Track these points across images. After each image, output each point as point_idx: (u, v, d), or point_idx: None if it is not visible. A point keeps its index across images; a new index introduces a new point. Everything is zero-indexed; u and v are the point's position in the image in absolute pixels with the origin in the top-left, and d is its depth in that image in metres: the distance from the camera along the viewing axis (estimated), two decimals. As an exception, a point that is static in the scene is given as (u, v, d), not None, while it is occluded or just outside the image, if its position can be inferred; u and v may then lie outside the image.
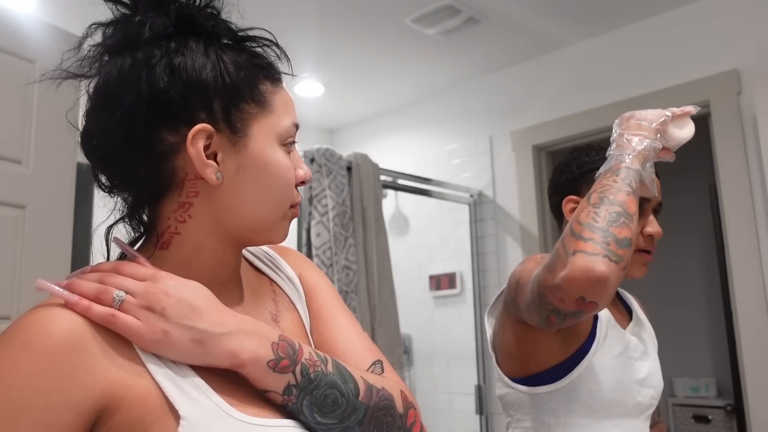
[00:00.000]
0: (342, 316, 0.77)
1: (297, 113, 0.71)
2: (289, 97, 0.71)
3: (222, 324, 0.59)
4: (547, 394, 1.11)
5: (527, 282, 0.98)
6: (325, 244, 2.12)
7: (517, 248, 2.76)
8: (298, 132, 0.72)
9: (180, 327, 0.57)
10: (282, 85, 0.70)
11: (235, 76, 0.64)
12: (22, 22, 1.68)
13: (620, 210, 0.87)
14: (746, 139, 2.18)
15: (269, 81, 0.68)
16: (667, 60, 2.40)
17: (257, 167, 0.65)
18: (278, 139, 0.67)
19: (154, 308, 0.57)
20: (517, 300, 1.05)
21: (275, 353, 0.60)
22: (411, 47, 2.65)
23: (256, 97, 0.66)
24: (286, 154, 0.68)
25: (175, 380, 0.57)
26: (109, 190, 0.67)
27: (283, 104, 0.69)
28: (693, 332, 3.63)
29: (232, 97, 0.64)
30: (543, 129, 2.74)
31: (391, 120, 3.41)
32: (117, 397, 0.55)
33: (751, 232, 2.13)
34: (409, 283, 3.11)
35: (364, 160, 2.37)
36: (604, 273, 0.81)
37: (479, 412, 2.79)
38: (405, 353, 3.03)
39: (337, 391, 0.62)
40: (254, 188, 0.66)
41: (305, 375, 0.60)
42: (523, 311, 1.02)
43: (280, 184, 0.67)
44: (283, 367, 0.60)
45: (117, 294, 0.57)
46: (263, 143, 0.66)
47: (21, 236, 1.60)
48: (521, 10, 2.38)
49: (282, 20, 2.35)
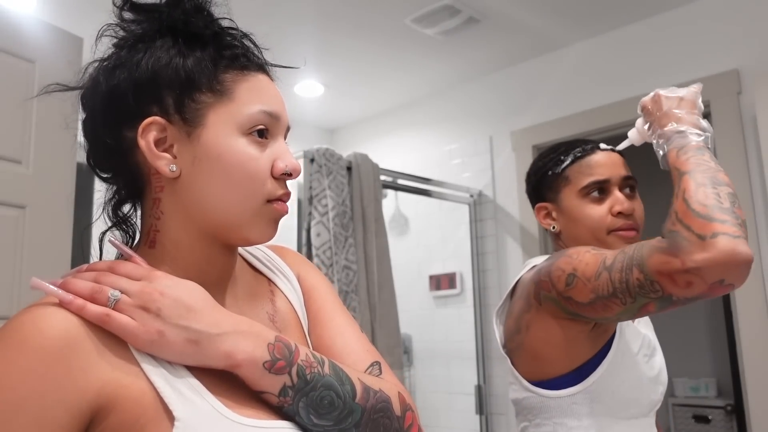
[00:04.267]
0: (341, 318, 0.76)
1: (287, 107, 0.69)
2: (265, 84, 0.68)
3: (217, 324, 0.59)
4: (570, 397, 1.08)
5: (593, 274, 0.95)
6: (325, 244, 2.12)
7: (517, 248, 2.76)
8: (280, 124, 0.68)
9: (175, 327, 0.57)
10: (257, 73, 0.68)
11: (191, 69, 0.64)
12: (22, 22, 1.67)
13: (732, 191, 0.87)
14: (746, 139, 2.18)
15: (235, 69, 0.66)
16: (667, 60, 2.40)
17: (211, 157, 0.63)
18: (239, 128, 0.64)
19: (149, 308, 0.57)
20: (570, 294, 1.00)
21: (271, 354, 0.59)
22: (411, 47, 2.65)
23: (214, 86, 0.64)
24: (252, 143, 0.65)
25: (170, 381, 0.57)
26: (107, 186, 0.69)
27: (248, 91, 0.66)
28: (693, 332, 3.63)
29: (185, 88, 0.63)
30: (543, 129, 2.74)
31: (390, 120, 3.41)
32: (112, 397, 0.54)
33: (751, 232, 2.13)
34: (409, 283, 3.11)
35: (364, 160, 2.37)
36: (749, 255, 0.80)
37: (479, 412, 2.79)
38: (405, 353, 3.03)
39: (334, 393, 0.61)
40: (211, 180, 0.63)
41: (301, 376, 0.60)
42: (587, 305, 0.97)
43: (240, 174, 0.64)
44: (279, 368, 0.59)
45: (112, 293, 0.57)
46: (218, 132, 0.64)
47: (21, 236, 1.60)
48: (521, 10, 2.38)
49: (282, 20, 2.35)
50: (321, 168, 2.20)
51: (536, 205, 1.26)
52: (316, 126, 3.60)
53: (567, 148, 1.22)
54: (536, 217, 1.26)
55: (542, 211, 1.25)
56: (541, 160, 1.26)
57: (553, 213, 1.23)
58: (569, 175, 1.19)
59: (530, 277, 1.12)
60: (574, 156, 1.20)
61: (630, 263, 0.90)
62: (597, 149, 1.20)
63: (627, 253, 0.91)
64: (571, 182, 1.19)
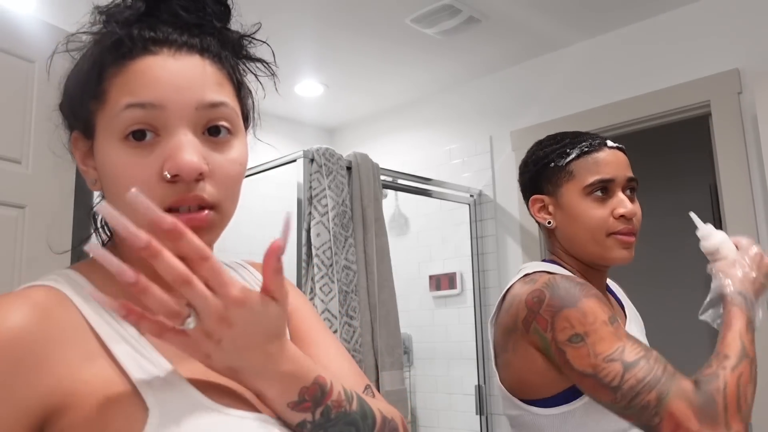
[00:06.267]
0: (331, 342, 0.75)
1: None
2: (149, 66, 0.57)
3: (263, 364, 0.54)
4: (561, 415, 1.04)
5: (603, 353, 0.91)
6: (325, 244, 2.12)
7: (517, 248, 2.76)
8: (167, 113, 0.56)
9: (223, 355, 0.53)
10: (141, 57, 0.57)
11: (85, 74, 0.59)
12: (22, 22, 1.67)
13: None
14: (746, 138, 2.18)
15: (113, 66, 0.58)
16: (667, 60, 2.40)
17: (100, 169, 0.60)
18: (115, 134, 0.57)
19: (212, 337, 0.51)
20: (567, 351, 0.95)
21: (300, 396, 0.57)
22: (411, 47, 2.65)
23: (96, 90, 0.59)
24: (130, 148, 0.56)
25: (143, 366, 0.54)
26: None
27: (121, 87, 0.57)
28: (693, 332, 3.63)
29: (83, 98, 0.60)
30: (543, 129, 2.74)
31: (391, 120, 3.41)
32: (69, 393, 0.51)
33: (751, 231, 2.13)
34: (409, 283, 3.11)
35: (364, 160, 2.37)
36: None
37: (479, 413, 2.79)
38: (405, 353, 3.03)
39: (354, 429, 0.61)
40: (107, 193, 0.61)
41: (325, 415, 0.58)
42: (578, 372, 0.94)
43: (119, 185, 0.56)
44: (304, 408, 0.57)
45: (187, 323, 0.50)
46: (102, 143, 0.59)
47: (21, 236, 1.60)
48: (521, 10, 2.38)
49: (282, 20, 2.35)
50: (321, 168, 2.20)
51: (531, 197, 1.19)
52: (316, 126, 3.60)
53: (573, 140, 1.16)
54: (530, 209, 1.19)
55: (537, 204, 1.18)
56: (542, 149, 1.19)
57: (549, 207, 1.16)
58: (574, 170, 1.13)
59: (523, 294, 1.06)
60: (580, 150, 1.13)
61: (652, 384, 0.87)
62: (604, 146, 1.14)
63: (652, 369, 0.89)
64: (575, 178, 1.12)
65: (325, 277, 2.09)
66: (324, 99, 3.18)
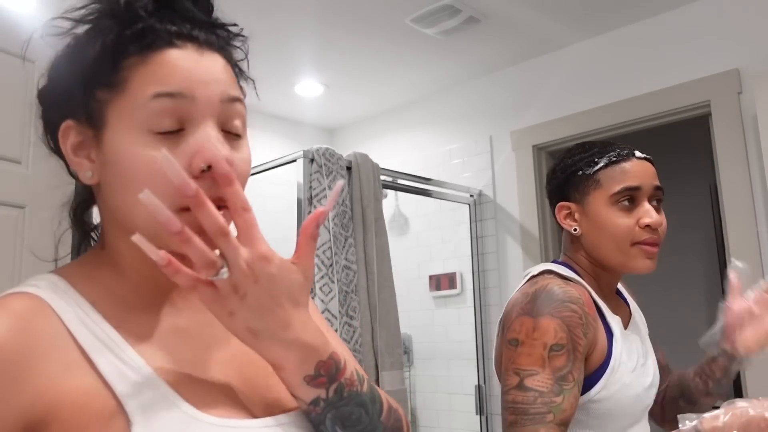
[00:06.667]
0: (335, 339, 0.75)
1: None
2: (175, 58, 0.56)
3: (284, 327, 0.55)
4: None
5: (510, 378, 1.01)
6: (324, 244, 2.12)
7: (517, 248, 2.76)
8: (195, 105, 0.56)
9: (247, 313, 0.53)
10: (166, 49, 0.57)
11: (92, 62, 0.56)
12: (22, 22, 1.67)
13: None
14: (747, 138, 2.18)
15: (134, 55, 0.56)
16: (667, 60, 2.40)
17: (113, 161, 0.56)
18: (142, 125, 0.55)
19: (238, 291, 0.52)
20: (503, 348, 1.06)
21: (316, 371, 0.57)
22: (411, 47, 2.65)
23: (110, 79, 0.56)
24: (159, 141, 0.55)
25: (127, 377, 0.53)
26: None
27: (144, 77, 0.55)
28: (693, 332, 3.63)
29: (88, 86, 0.57)
30: (543, 129, 2.74)
31: (391, 120, 3.41)
32: (51, 407, 0.50)
33: (751, 231, 2.13)
34: (409, 283, 3.11)
35: (364, 160, 2.37)
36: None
37: (479, 413, 2.79)
38: (405, 353, 3.03)
39: (363, 411, 0.61)
40: (119, 186, 0.57)
41: (338, 393, 0.59)
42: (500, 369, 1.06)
43: (142, 181, 0.54)
44: (319, 383, 0.58)
45: (221, 273, 0.52)
46: (118, 132, 0.56)
47: (21, 236, 1.60)
48: (521, 10, 2.38)
49: (282, 20, 2.35)
50: (321, 168, 2.20)
51: (558, 204, 1.21)
52: (316, 126, 3.60)
53: (601, 149, 1.17)
54: (556, 215, 1.21)
55: (564, 211, 1.19)
56: (571, 157, 1.20)
57: (575, 214, 1.18)
58: (601, 178, 1.14)
59: (518, 296, 1.10)
60: (608, 159, 1.15)
61: (519, 412, 0.96)
62: (632, 156, 1.15)
63: (533, 403, 0.96)
64: (602, 186, 1.14)
65: (325, 277, 2.09)
66: (324, 99, 3.18)
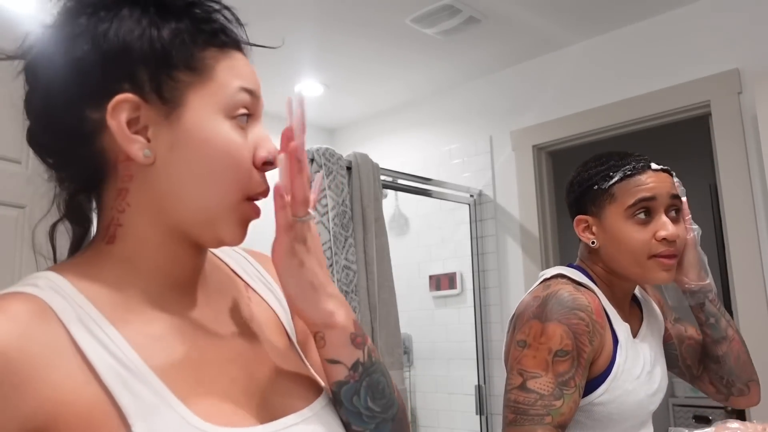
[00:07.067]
0: None
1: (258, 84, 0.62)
2: (243, 63, 0.61)
3: (329, 283, 0.62)
4: None
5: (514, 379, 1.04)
6: (324, 244, 2.12)
7: (517, 248, 2.76)
8: (259, 104, 0.62)
9: (313, 265, 0.60)
10: (234, 51, 0.61)
11: (168, 42, 0.56)
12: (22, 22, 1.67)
13: None
14: (746, 138, 2.18)
15: (213, 47, 0.59)
16: (667, 60, 2.40)
17: (194, 142, 0.56)
18: (224, 111, 0.58)
19: (306, 242, 0.60)
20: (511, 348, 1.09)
21: (356, 328, 0.62)
22: (411, 47, 2.65)
23: (192, 63, 0.57)
24: (236, 128, 0.58)
25: (129, 385, 0.51)
26: (49, 173, 0.62)
27: (228, 70, 0.59)
28: (693, 332, 3.63)
29: (162, 64, 0.56)
30: (543, 129, 2.74)
31: (391, 120, 3.41)
32: (51, 417, 0.48)
33: (751, 231, 2.13)
34: (409, 283, 3.11)
35: (364, 160, 2.37)
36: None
37: (479, 413, 2.79)
38: (405, 353, 3.03)
39: (385, 380, 0.64)
40: (192, 168, 0.57)
41: (369, 356, 0.63)
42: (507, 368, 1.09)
43: (224, 163, 0.57)
44: (359, 343, 0.62)
45: (313, 212, 0.60)
46: (202, 115, 0.57)
47: (21, 236, 1.60)
48: (521, 10, 2.38)
49: (282, 20, 2.35)
50: (321, 168, 2.20)
51: (576, 217, 1.21)
52: (316, 126, 3.60)
53: (617, 162, 1.17)
54: (575, 228, 1.21)
55: (582, 224, 1.20)
56: (587, 171, 1.20)
57: (593, 228, 1.18)
58: (616, 192, 1.14)
59: (530, 298, 1.11)
60: (623, 173, 1.14)
61: (518, 412, 1.01)
62: (648, 168, 1.15)
63: (533, 405, 1.00)
64: (617, 200, 1.14)
65: (325, 277, 2.09)
66: (324, 99, 3.18)
